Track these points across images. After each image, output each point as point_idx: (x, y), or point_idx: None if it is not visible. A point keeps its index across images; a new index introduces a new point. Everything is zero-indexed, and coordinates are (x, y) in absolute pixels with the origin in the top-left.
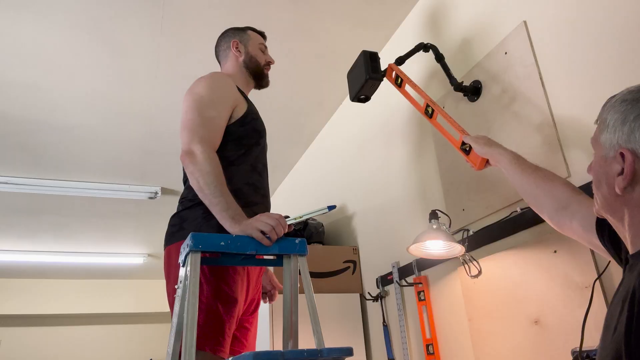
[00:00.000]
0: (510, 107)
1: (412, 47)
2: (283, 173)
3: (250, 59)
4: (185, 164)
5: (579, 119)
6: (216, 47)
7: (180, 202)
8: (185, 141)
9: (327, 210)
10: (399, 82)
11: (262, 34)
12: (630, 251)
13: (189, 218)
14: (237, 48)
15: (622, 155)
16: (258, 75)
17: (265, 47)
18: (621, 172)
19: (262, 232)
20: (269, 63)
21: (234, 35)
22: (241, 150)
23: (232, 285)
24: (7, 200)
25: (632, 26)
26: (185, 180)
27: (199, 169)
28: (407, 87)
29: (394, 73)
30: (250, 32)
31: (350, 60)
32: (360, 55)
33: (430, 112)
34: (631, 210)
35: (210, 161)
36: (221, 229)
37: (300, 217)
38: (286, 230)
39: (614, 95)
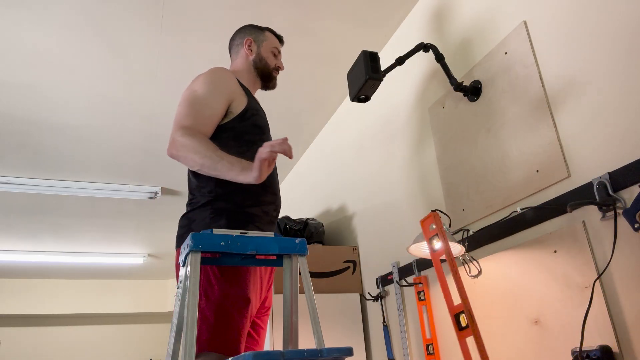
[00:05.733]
0: (510, 107)
1: (412, 47)
2: (283, 173)
3: (260, 60)
4: (175, 156)
5: (579, 119)
6: (231, 40)
7: (188, 204)
8: (170, 135)
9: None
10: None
11: (279, 38)
12: None
13: (197, 219)
14: (249, 47)
15: None
16: (265, 77)
17: (279, 51)
18: None
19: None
20: (278, 68)
21: (249, 33)
22: (244, 147)
23: (244, 285)
24: (7, 200)
25: (632, 26)
26: (191, 185)
27: (187, 149)
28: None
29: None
30: (267, 33)
31: (350, 60)
32: (360, 55)
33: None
34: None
35: (192, 137)
36: (230, 229)
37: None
38: (290, 154)
39: None
